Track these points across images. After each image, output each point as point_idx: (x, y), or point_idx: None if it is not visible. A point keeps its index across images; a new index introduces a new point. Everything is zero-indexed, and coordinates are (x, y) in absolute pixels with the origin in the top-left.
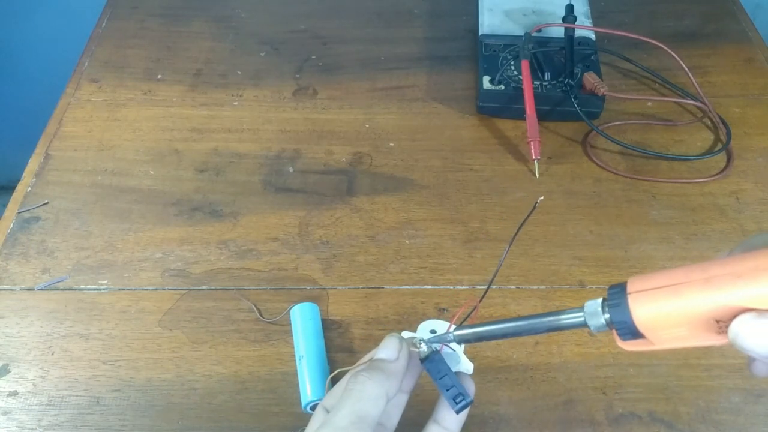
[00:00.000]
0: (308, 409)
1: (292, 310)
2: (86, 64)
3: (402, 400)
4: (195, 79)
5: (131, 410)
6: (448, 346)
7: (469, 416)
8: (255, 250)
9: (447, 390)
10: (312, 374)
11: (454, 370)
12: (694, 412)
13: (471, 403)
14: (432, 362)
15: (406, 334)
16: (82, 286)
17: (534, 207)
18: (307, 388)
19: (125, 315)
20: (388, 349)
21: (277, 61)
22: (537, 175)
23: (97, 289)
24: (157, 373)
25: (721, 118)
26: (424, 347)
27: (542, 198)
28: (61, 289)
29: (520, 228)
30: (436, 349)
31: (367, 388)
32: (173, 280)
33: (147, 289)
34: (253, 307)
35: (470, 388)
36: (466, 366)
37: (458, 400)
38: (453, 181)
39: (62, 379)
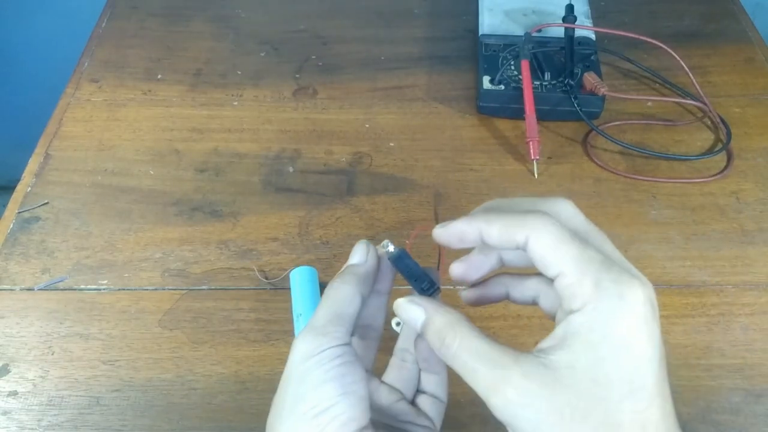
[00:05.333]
0: None
1: (292, 272)
2: (86, 64)
3: (383, 301)
4: (195, 79)
5: (131, 410)
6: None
7: (470, 415)
8: (255, 250)
9: (415, 281)
10: None
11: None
12: (694, 412)
13: (439, 290)
14: (400, 259)
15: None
16: (82, 286)
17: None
18: None
19: (125, 315)
20: (357, 254)
21: (277, 61)
22: (536, 175)
23: (97, 289)
24: (157, 373)
25: (721, 118)
26: (390, 247)
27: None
28: (61, 289)
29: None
30: (403, 248)
31: (341, 290)
32: (173, 280)
33: (147, 289)
34: (255, 270)
35: (437, 279)
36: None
37: (425, 287)
38: (453, 181)
39: (62, 379)
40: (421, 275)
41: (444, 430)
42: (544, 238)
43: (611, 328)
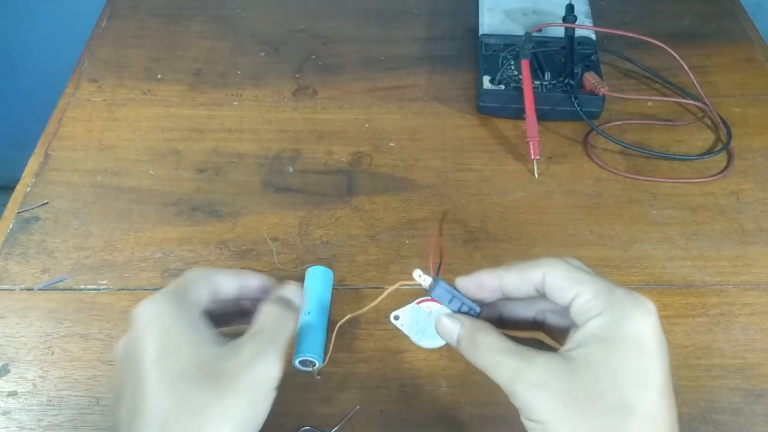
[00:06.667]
0: (296, 363)
1: (308, 270)
2: (86, 63)
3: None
4: (195, 78)
5: None
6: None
7: (470, 416)
8: (255, 250)
9: (458, 310)
10: (309, 332)
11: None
12: (694, 413)
13: (480, 313)
14: (437, 289)
15: (418, 272)
16: (82, 286)
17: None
18: (303, 344)
19: (125, 315)
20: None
21: (276, 60)
22: (536, 175)
23: (97, 289)
24: None
25: (721, 118)
26: (424, 278)
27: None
28: (61, 289)
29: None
30: (437, 277)
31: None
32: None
33: (147, 289)
34: (273, 250)
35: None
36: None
37: (465, 310)
38: (453, 181)
39: (62, 379)
40: (461, 303)
41: (444, 431)
42: (559, 271)
43: (625, 326)
